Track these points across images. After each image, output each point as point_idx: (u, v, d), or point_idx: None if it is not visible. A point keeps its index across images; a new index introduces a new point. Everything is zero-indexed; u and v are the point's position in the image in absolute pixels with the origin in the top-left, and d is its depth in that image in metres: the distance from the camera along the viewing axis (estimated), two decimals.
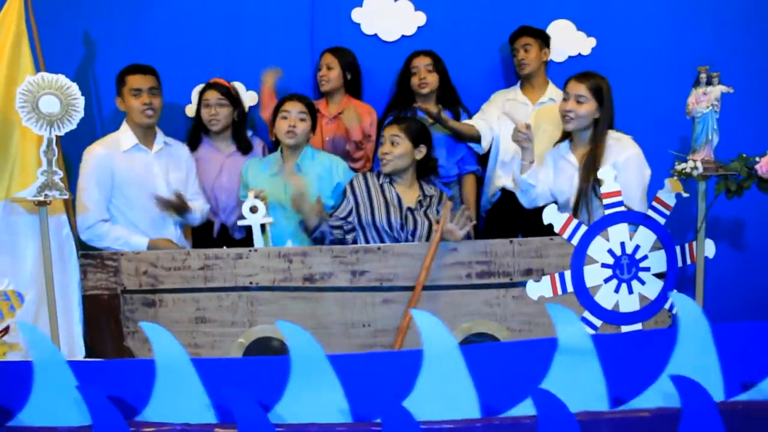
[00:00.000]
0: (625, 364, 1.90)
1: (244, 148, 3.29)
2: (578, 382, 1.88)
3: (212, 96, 3.25)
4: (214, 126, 3.25)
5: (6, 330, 2.72)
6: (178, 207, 2.97)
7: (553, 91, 3.41)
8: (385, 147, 2.92)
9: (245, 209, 2.82)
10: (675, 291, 2.50)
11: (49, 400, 1.87)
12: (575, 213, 2.81)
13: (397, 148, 2.90)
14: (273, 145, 3.33)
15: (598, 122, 2.84)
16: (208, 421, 1.85)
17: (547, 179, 2.94)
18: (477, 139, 3.37)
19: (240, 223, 2.84)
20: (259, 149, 3.36)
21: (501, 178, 3.41)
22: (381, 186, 2.94)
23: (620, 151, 2.82)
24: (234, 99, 3.30)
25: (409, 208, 2.90)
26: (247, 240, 2.97)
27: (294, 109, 2.98)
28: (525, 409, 1.85)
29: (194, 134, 3.33)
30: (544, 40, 3.40)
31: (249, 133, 3.36)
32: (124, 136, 2.99)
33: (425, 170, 3.03)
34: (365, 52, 3.59)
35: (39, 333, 1.90)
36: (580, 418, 1.78)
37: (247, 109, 3.52)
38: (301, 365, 1.85)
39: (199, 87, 3.43)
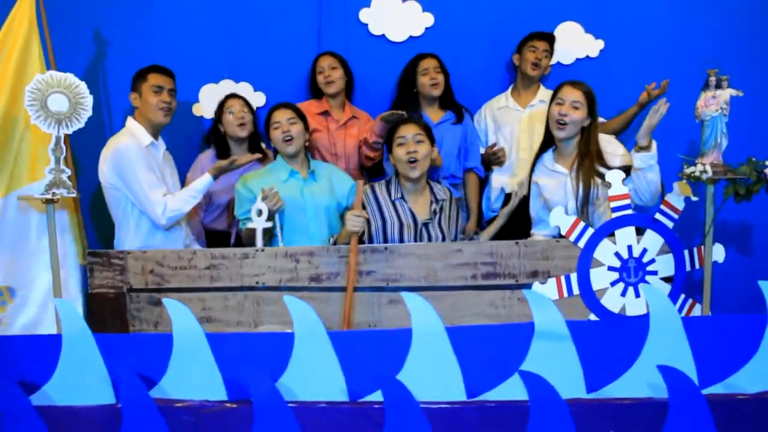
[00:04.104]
0: (600, 350, 1.96)
1: (261, 158, 3.27)
2: (555, 366, 1.95)
3: (234, 103, 3.28)
4: (243, 131, 3.26)
5: None
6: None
7: (543, 94, 3.44)
8: (410, 146, 2.79)
9: (254, 212, 2.81)
10: (646, 284, 2.53)
11: (76, 372, 2.01)
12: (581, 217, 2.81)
13: (423, 148, 2.81)
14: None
15: (585, 129, 2.83)
16: (218, 390, 1.98)
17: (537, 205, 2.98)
18: None
19: (249, 225, 2.83)
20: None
21: (500, 180, 3.45)
22: (393, 203, 2.84)
23: (615, 149, 2.86)
24: (252, 109, 3.34)
25: (424, 223, 2.83)
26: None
27: (283, 117, 2.96)
28: (508, 388, 1.94)
29: (223, 145, 3.30)
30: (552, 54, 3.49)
31: (263, 145, 3.36)
32: (139, 133, 2.95)
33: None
34: (373, 52, 3.60)
35: (70, 307, 2.01)
36: (569, 402, 1.80)
37: (254, 110, 3.54)
38: (304, 339, 1.98)
39: (209, 87, 3.42)
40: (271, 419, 1.85)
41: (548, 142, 2.95)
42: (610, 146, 2.88)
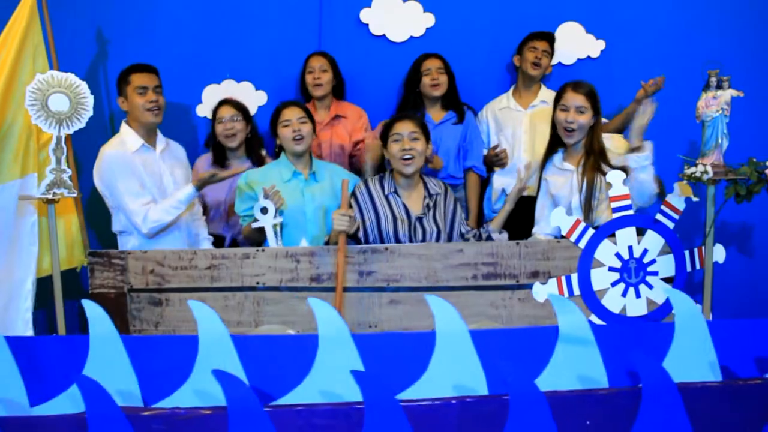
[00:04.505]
0: (624, 354, 1.96)
1: (258, 163, 3.27)
2: (579, 370, 1.95)
3: (226, 112, 3.25)
4: (231, 142, 3.23)
5: None
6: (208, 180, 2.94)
7: (545, 94, 3.45)
8: (405, 144, 2.81)
9: (256, 211, 2.81)
10: (671, 288, 2.52)
11: (102, 373, 1.96)
12: (586, 215, 2.81)
13: (418, 145, 2.81)
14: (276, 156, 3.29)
15: (591, 128, 2.84)
16: None
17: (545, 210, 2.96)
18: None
19: (254, 225, 2.83)
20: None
21: (502, 181, 3.44)
22: (386, 197, 2.86)
23: (619, 147, 2.87)
24: (247, 114, 3.31)
25: (417, 218, 2.84)
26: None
27: (294, 115, 2.94)
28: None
29: (219, 151, 3.29)
30: (553, 54, 3.48)
31: (263, 152, 3.34)
32: (129, 137, 2.97)
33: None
34: (373, 52, 3.61)
35: (97, 309, 2.01)
36: (547, 395, 1.80)
37: (256, 110, 3.54)
38: (328, 342, 1.98)
39: (212, 87, 3.43)
40: (247, 425, 1.83)
41: (555, 143, 2.95)
42: (615, 144, 2.88)
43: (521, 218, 3.17)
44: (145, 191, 2.92)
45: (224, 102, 3.30)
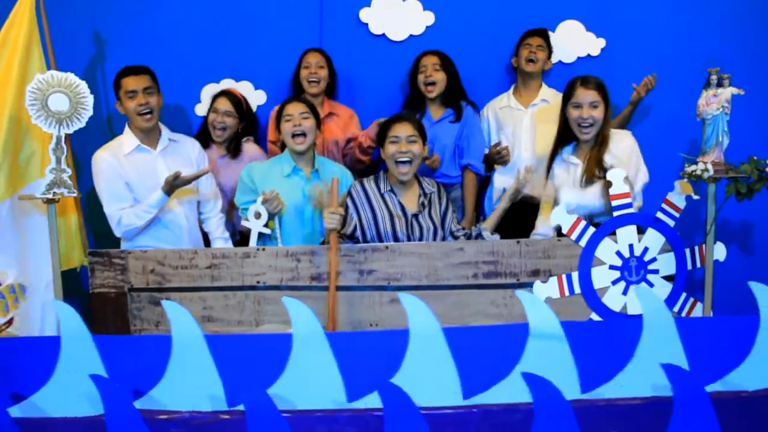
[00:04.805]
0: (594, 350, 1.96)
1: (233, 152, 3.28)
2: (550, 367, 1.95)
3: (222, 105, 3.26)
4: (218, 135, 3.26)
5: (11, 321, 2.76)
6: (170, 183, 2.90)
7: (545, 92, 3.45)
8: (402, 146, 2.79)
9: (251, 213, 2.81)
10: (637, 285, 2.53)
11: (74, 373, 1.96)
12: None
13: (415, 148, 2.81)
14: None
15: (602, 121, 2.84)
16: (216, 392, 1.94)
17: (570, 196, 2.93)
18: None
19: (243, 224, 2.83)
20: (255, 153, 3.34)
21: (503, 180, 3.44)
22: (382, 195, 2.86)
23: (618, 141, 2.86)
24: (242, 112, 3.31)
25: (414, 215, 2.85)
26: (242, 243, 2.98)
27: (296, 110, 2.93)
28: (504, 389, 1.93)
29: (203, 136, 3.32)
30: (551, 50, 3.48)
31: (245, 139, 3.34)
32: (126, 139, 2.98)
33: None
34: (373, 51, 3.60)
35: (69, 309, 1.99)
36: (573, 404, 1.79)
37: (255, 109, 3.53)
38: (302, 341, 1.96)
39: (211, 87, 3.44)
40: (265, 430, 1.82)
41: (564, 137, 2.94)
42: (613, 142, 2.87)
43: (522, 219, 3.17)
44: (130, 195, 2.92)
45: (224, 93, 3.32)
